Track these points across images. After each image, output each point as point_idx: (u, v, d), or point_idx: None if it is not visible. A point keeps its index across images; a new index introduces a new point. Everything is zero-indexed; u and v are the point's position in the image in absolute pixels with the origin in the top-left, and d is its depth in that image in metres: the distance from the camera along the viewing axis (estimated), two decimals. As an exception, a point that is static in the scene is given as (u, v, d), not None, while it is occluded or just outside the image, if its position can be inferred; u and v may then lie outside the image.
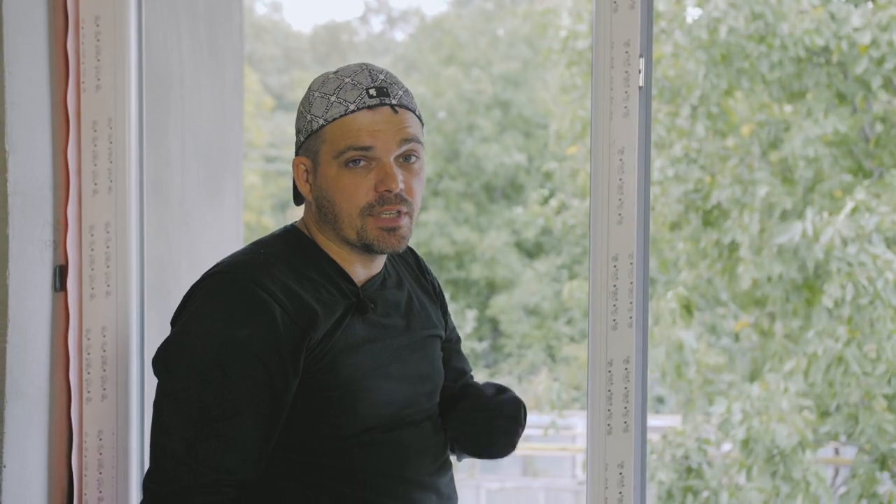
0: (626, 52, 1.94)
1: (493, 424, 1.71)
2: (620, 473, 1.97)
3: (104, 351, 2.01)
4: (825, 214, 6.24)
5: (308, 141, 1.59)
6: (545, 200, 9.87)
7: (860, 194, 6.10)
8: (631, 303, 1.96)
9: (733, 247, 7.34)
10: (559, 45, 8.42)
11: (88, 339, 2.01)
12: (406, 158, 1.57)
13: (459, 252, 15.10)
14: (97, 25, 2.01)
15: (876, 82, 6.63)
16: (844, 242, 5.94)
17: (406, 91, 1.60)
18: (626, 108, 1.95)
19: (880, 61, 6.57)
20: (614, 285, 1.96)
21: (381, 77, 1.58)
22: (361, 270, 1.63)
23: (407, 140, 1.57)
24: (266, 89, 17.71)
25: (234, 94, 2.91)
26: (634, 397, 1.97)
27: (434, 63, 16.68)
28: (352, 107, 1.55)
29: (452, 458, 1.76)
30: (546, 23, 8.89)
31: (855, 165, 7.17)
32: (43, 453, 1.95)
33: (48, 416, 1.96)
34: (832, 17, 6.81)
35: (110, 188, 2.01)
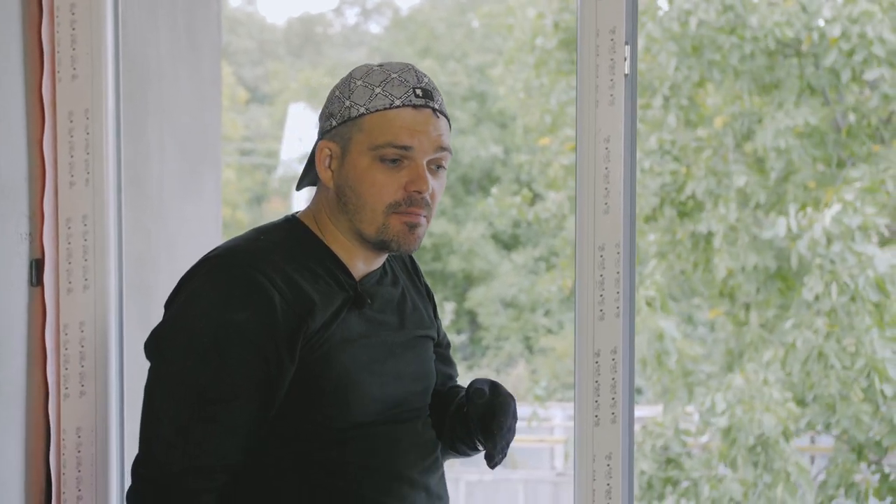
0: (612, 40, 1.93)
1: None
2: (608, 465, 1.95)
3: (82, 346, 1.98)
4: (809, 210, 6.27)
5: (341, 127, 1.57)
6: (518, 191, 9.84)
7: (849, 194, 6.12)
8: (618, 293, 1.94)
9: (708, 238, 7.35)
10: (527, 45, 8.40)
11: (66, 334, 1.97)
12: (436, 166, 1.57)
13: (436, 244, 15.08)
14: (72, 13, 1.97)
15: (846, 75, 6.66)
16: (829, 240, 5.98)
17: (443, 99, 1.61)
18: (611, 95, 1.93)
19: (850, 53, 6.60)
20: (601, 275, 1.94)
21: (426, 80, 1.59)
22: (362, 265, 1.61)
23: (442, 148, 1.56)
24: (240, 82, 17.59)
25: (211, 85, 2.87)
26: (622, 388, 1.95)
27: (410, 55, 16.62)
28: (398, 102, 1.54)
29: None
30: (512, 24, 8.86)
31: (827, 157, 7.20)
32: (20, 452, 1.91)
33: (25, 414, 1.92)
34: (803, 8, 6.84)
35: (87, 180, 1.97)
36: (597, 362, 1.95)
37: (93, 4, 1.98)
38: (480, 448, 1.68)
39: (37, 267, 1.94)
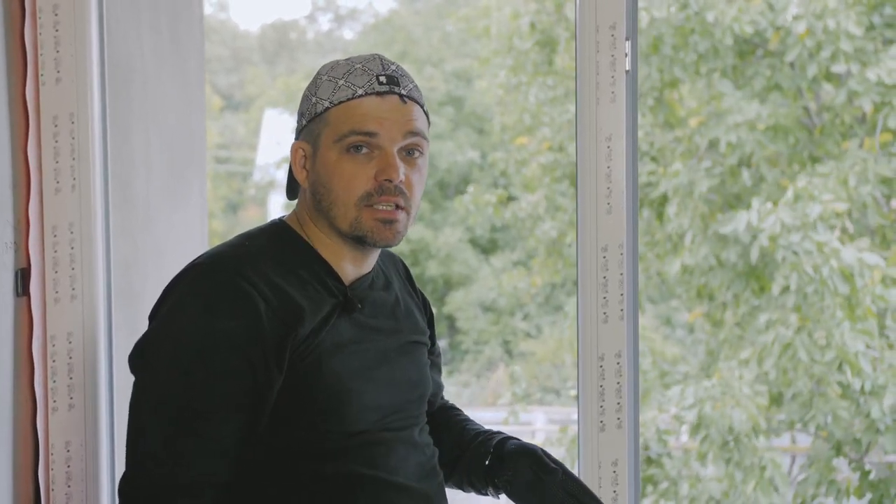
0: (612, 36, 1.89)
1: None
2: (614, 471, 1.91)
3: (70, 358, 1.91)
4: (769, 205, 6.26)
5: (310, 124, 1.53)
6: (494, 188, 9.79)
7: (801, 182, 6.12)
8: (622, 295, 1.90)
9: (679, 237, 7.34)
10: (504, 46, 8.35)
11: (54, 345, 1.91)
12: (409, 152, 1.52)
13: (415, 250, 15.02)
14: (55, 15, 1.91)
15: (811, 70, 6.66)
16: (788, 231, 5.97)
17: (416, 86, 1.55)
18: (612, 93, 1.89)
19: (817, 49, 6.60)
20: (604, 277, 1.90)
21: (393, 67, 1.53)
22: (351, 268, 1.56)
23: (412, 133, 1.51)
24: (214, 89, 17.49)
25: (196, 88, 2.82)
26: (627, 392, 1.91)
27: (385, 60, 16.56)
28: (360, 91, 1.50)
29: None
30: (488, 25, 8.82)
31: (798, 155, 7.19)
32: (8, 467, 1.85)
33: (12, 428, 1.86)
34: (770, 7, 6.84)
35: (74, 186, 1.91)
36: (601, 366, 1.91)
37: (76, 5, 1.91)
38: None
39: (22, 276, 1.88)
